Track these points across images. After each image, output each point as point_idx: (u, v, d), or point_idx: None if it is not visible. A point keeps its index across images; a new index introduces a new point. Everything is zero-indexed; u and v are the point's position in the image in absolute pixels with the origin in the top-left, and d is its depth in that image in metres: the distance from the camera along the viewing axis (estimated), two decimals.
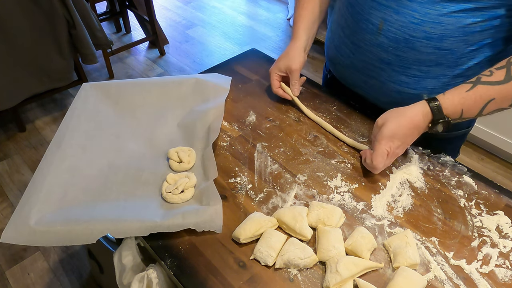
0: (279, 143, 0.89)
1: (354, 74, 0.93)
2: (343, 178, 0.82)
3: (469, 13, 0.71)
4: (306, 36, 0.97)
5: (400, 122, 0.75)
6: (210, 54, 2.98)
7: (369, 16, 0.81)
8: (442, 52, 0.77)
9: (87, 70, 2.72)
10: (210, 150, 0.82)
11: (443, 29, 0.74)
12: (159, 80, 1.01)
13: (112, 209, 0.73)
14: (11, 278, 1.61)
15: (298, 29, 0.97)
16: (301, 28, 0.97)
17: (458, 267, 0.66)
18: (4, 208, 1.87)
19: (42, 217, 0.71)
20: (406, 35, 0.78)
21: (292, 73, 0.95)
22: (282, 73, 0.97)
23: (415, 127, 0.75)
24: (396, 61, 0.82)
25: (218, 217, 0.71)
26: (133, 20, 3.21)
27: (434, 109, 0.73)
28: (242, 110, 0.99)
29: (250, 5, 3.64)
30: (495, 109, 0.73)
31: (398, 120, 0.75)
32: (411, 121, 0.74)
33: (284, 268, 0.66)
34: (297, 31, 0.97)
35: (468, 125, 0.99)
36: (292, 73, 0.95)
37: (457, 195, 0.78)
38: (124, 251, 0.74)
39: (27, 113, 2.40)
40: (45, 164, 0.80)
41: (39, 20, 1.92)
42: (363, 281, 0.63)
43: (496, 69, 0.71)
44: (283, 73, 0.97)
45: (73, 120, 0.89)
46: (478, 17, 0.72)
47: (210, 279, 0.65)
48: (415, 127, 0.75)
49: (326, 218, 0.71)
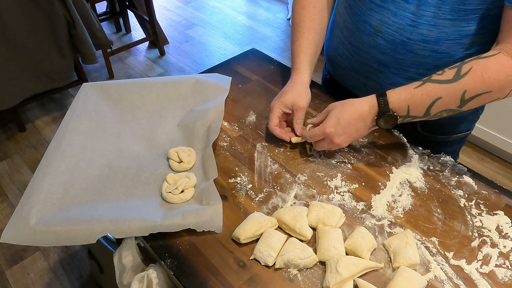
0: (279, 143, 0.89)
1: (353, 76, 0.93)
2: (343, 178, 0.82)
3: (464, 16, 0.71)
4: (310, 70, 0.91)
5: (346, 110, 0.76)
6: (210, 54, 2.98)
7: (367, 18, 0.81)
8: (439, 55, 0.77)
9: (87, 70, 2.72)
10: (210, 150, 0.82)
11: (439, 32, 0.74)
12: (159, 80, 1.01)
13: (112, 209, 0.73)
14: (11, 278, 1.61)
15: (301, 62, 0.89)
16: (304, 61, 0.89)
17: (458, 267, 0.66)
18: (4, 208, 1.87)
19: (42, 217, 0.71)
20: (404, 38, 0.78)
21: (299, 111, 0.85)
22: (287, 110, 0.86)
23: (360, 117, 0.75)
24: (393, 63, 0.82)
25: (218, 217, 0.71)
26: (133, 20, 3.21)
27: (380, 102, 0.73)
28: (242, 110, 0.99)
29: (250, 5, 3.64)
30: (443, 109, 0.72)
31: (344, 108, 0.76)
32: (356, 111, 0.75)
33: (284, 268, 0.66)
34: (301, 64, 0.89)
35: (467, 128, 0.99)
36: (299, 110, 0.85)
37: (457, 195, 0.78)
38: (124, 251, 0.74)
39: (27, 113, 2.40)
40: (45, 164, 0.80)
41: (39, 20, 1.92)
42: (363, 281, 0.63)
43: (449, 69, 0.70)
44: (288, 109, 0.86)
45: (73, 120, 0.89)
46: (473, 20, 0.72)
47: (210, 279, 0.65)
48: (360, 117, 0.75)
49: (326, 218, 0.71)
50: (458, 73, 0.68)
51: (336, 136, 0.76)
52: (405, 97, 0.72)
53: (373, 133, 0.92)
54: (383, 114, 0.73)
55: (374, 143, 0.89)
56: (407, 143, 0.89)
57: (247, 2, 3.69)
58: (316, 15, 0.91)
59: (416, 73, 0.82)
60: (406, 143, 0.89)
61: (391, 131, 0.92)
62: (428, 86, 0.70)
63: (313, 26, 0.90)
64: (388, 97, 0.73)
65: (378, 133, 0.92)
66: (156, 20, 2.79)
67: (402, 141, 0.90)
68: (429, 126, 0.94)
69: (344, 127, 0.76)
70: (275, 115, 0.86)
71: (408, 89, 0.72)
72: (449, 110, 0.72)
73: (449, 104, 0.70)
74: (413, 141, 0.89)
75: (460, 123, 0.95)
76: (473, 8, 0.70)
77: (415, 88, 0.71)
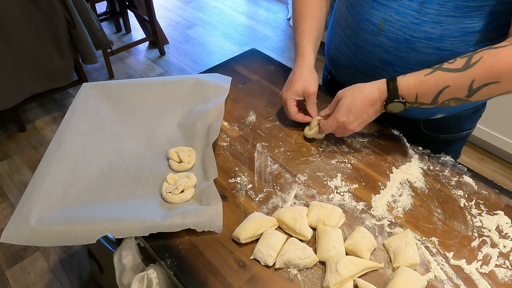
0: (279, 143, 0.89)
1: (355, 75, 0.93)
2: (343, 178, 0.82)
3: (468, 12, 0.71)
4: (314, 54, 0.92)
5: (356, 98, 0.78)
6: (210, 54, 2.98)
7: (369, 17, 0.81)
8: (443, 52, 0.77)
9: (87, 70, 2.72)
10: (210, 150, 0.82)
11: (443, 29, 0.74)
12: (159, 80, 1.01)
13: (112, 209, 0.73)
14: (11, 278, 1.61)
15: (305, 46, 0.90)
16: (308, 45, 0.90)
17: (458, 267, 0.66)
18: (4, 208, 1.87)
19: (42, 217, 0.71)
20: (407, 36, 0.78)
21: (311, 96, 0.88)
22: (299, 97, 0.89)
23: (370, 103, 0.77)
24: (397, 61, 0.82)
25: (218, 217, 0.71)
26: (133, 20, 3.21)
27: (390, 88, 0.74)
28: (242, 110, 0.99)
29: (250, 5, 3.64)
30: (450, 98, 0.72)
31: (355, 96, 0.78)
32: (367, 97, 0.77)
33: (284, 268, 0.66)
34: (305, 49, 0.90)
35: (469, 127, 0.99)
36: (310, 96, 0.88)
37: (457, 195, 0.78)
38: (124, 251, 0.74)
39: (27, 113, 2.40)
40: (45, 164, 0.80)
41: (39, 20, 1.92)
42: (363, 281, 0.63)
43: (461, 58, 0.71)
44: (300, 97, 0.88)
45: (73, 120, 0.89)
46: (476, 17, 0.72)
47: (210, 279, 0.65)
48: (371, 103, 0.77)
49: (326, 218, 0.71)
50: (468, 62, 0.69)
51: (349, 124, 0.79)
52: (414, 84, 0.73)
53: (373, 133, 0.92)
54: (392, 100, 0.75)
55: (374, 143, 0.89)
56: (407, 143, 0.89)
57: (247, 2, 3.69)
58: (317, 3, 0.93)
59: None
60: (406, 143, 0.89)
61: (391, 131, 0.92)
62: (437, 74, 0.71)
63: (315, 13, 0.93)
64: (398, 83, 0.74)
65: (378, 133, 0.92)
66: (156, 20, 2.79)
67: (402, 141, 0.90)
68: (432, 125, 0.94)
69: (356, 115, 0.78)
70: (291, 104, 0.88)
71: (418, 77, 0.73)
72: (457, 99, 0.72)
73: (457, 93, 0.71)
74: (416, 140, 0.89)
75: (462, 121, 0.96)
76: (477, 5, 0.70)
77: (425, 76, 0.72)
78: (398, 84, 0.74)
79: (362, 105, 0.77)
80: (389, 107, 0.76)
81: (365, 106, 0.77)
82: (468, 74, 0.69)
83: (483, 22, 0.72)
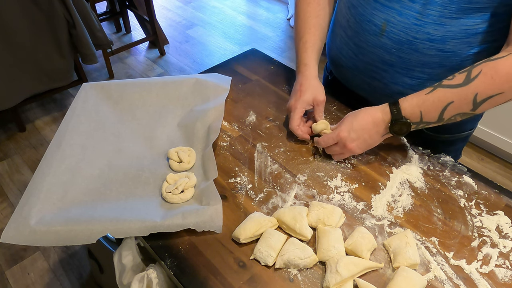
0: (279, 143, 0.89)
1: (357, 76, 0.93)
2: (343, 178, 0.82)
3: (470, 14, 0.71)
4: (317, 64, 0.92)
5: (359, 115, 0.78)
6: (210, 54, 2.98)
7: (371, 18, 0.81)
8: (445, 54, 0.77)
9: (87, 70, 2.72)
10: (210, 150, 0.82)
11: (446, 30, 0.74)
12: (159, 80, 1.01)
13: (112, 209, 0.73)
14: (11, 278, 1.61)
15: (310, 57, 0.90)
16: (312, 56, 0.91)
17: (458, 267, 0.66)
18: (4, 208, 1.87)
19: (42, 217, 0.71)
20: (409, 37, 0.78)
21: (320, 105, 0.87)
22: (309, 106, 0.88)
23: (373, 122, 0.77)
24: (399, 62, 0.82)
25: (218, 217, 0.71)
26: (133, 20, 3.21)
27: (393, 110, 0.74)
28: (242, 110, 0.99)
29: (250, 5, 3.64)
30: (456, 114, 0.72)
31: (358, 114, 0.79)
32: (370, 116, 0.77)
33: (284, 268, 0.66)
34: (310, 59, 0.90)
35: (471, 127, 0.99)
36: (319, 104, 0.87)
37: (457, 195, 0.78)
38: (124, 251, 0.74)
39: (27, 113, 2.40)
40: (45, 164, 0.80)
41: (39, 20, 1.92)
42: (363, 281, 0.63)
43: (459, 73, 0.71)
44: (310, 106, 0.88)
45: (73, 120, 0.89)
46: (479, 18, 0.72)
47: (210, 279, 0.65)
48: (374, 122, 0.77)
49: (326, 218, 0.71)
50: (468, 77, 0.69)
51: (349, 141, 0.78)
52: (417, 102, 0.73)
53: None
54: (396, 121, 0.74)
55: None
56: (407, 143, 0.89)
57: (247, 2, 3.69)
58: (320, 11, 0.92)
59: (421, 72, 0.81)
60: (406, 143, 0.89)
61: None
62: (439, 91, 0.71)
63: (318, 22, 0.92)
64: (400, 104, 0.74)
65: None
66: (156, 20, 2.79)
67: (402, 141, 0.90)
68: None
69: (358, 132, 0.77)
70: (298, 114, 0.87)
71: (420, 95, 0.73)
72: (463, 113, 0.72)
73: (462, 108, 0.71)
74: (417, 140, 0.89)
75: (463, 122, 0.95)
76: (480, 7, 0.70)
77: (427, 94, 0.72)
78: (400, 105, 0.73)
79: (365, 122, 0.77)
80: (394, 128, 0.75)
81: (367, 123, 0.77)
82: (470, 88, 0.69)
83: (485, 24, 0.72)
